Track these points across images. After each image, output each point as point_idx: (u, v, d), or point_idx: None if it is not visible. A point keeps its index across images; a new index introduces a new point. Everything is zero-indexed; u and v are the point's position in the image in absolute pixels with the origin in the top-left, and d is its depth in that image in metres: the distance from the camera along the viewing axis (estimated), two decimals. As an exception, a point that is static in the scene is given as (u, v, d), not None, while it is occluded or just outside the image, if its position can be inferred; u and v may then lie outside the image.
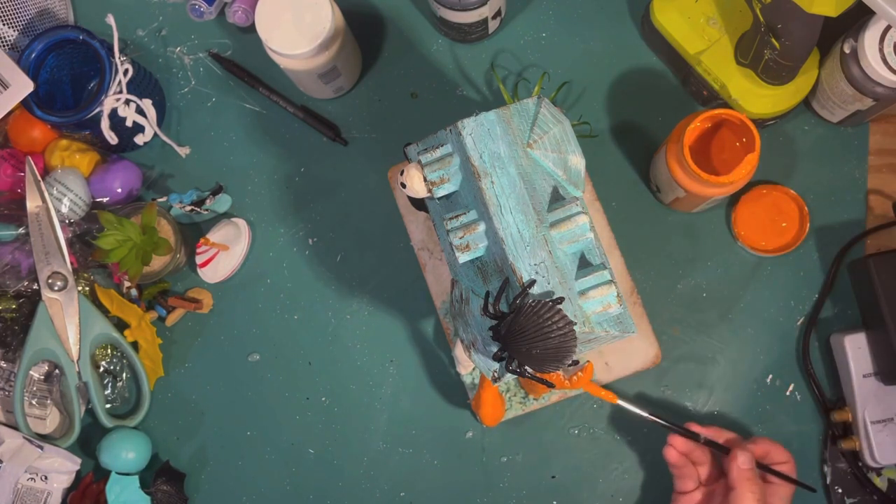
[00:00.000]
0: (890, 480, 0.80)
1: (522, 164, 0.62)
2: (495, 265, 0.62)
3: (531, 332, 0.57)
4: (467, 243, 0.63)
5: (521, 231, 0.60)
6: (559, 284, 0.60)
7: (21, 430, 0.82)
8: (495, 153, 0.62)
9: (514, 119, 0.63)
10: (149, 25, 0.91)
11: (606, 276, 0.61)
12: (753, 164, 0.72)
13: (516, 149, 0.62)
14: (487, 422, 0.78)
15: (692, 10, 0.79)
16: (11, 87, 0.81)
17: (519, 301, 0.58)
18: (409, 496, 0.84)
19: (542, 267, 0.60)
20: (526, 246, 0.60)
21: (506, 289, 0.60)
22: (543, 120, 0.64)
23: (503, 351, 0.59)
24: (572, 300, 0.60)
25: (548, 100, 0.65)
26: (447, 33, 0.87)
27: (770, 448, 0.73)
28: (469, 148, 0.62)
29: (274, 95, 0.88)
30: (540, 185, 0.63)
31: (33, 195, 0.82)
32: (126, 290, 0.85)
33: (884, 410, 0.78)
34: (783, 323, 0.83)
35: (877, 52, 0.72)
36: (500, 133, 0.62)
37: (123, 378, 0.86)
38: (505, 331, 0.58)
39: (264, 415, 0.86)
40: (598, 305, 0.61)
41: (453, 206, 0.65)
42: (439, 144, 0.64)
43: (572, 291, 0.60)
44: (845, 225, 0.83)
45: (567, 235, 0.61)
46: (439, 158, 0.64)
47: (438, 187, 0.64)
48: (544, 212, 0.62)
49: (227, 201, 0.87)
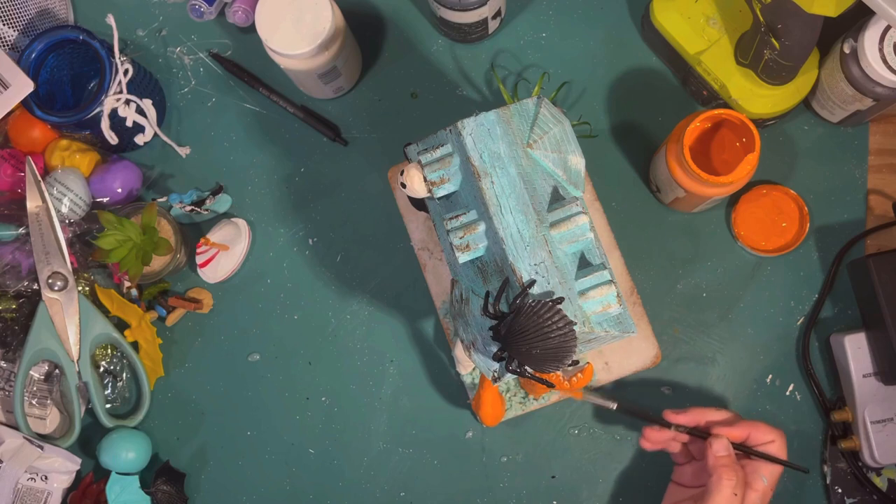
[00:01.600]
0: (890, 480, 0.80)
1: (522, 164, 0.62)
2: (495, 265, 0.62)
3: (531, 332, 0.57)
4: (467, 243, 0.63)
5: (521, 231, 0.60)
6: (559, 284, 0.60)
7: (21, 430, 0.82)
8: (495, 153, 0.62)
9: (514, 119, 0.63)
10: (149, 25, 0.91)
11: (606, 276, 0.61)
12: (753, 164, 0.72)
13: (516, 149, 0.62)
14: (488, 422, 0.78)
15: (692, 10, 0.79)
16: (11, 87, 0.81)
17: (519, 301, 0.58)
18: (409, 496, 0.84)
19: (542, 267, 0.60)
20: (526, 246, 0.60)
21: (506, 289, 0.60)
22: (543, 120, 0.64)
23: (503, 351, 0.59)
24: (572, 300, 0.60)
25: (547, 100, 0.65)
26: (447, 33, 0.87)
27: (751, 429, 0.72)
28: (469, 148, 0.62)
29: (274, 95, 0.88)
30: (540, 185, 0.63)
31: (33, 195, 0.82)
32: (126, 290, 0.85)
33: (884, 410, 0.78)
34: (783, 323, 0.83)
35: (877, 52, 0.72)
36: (501, 133, 0.62)
37: (123, 378, 0.86)
38: (505, 331, 0.58)
39: (264, 415, 0.86)
40: (597, 305, 0.61)
41: (453, 207, 0.65)
42: (439, 144, 0.64)
43: (572, 291, 0.60)
44: (845, 225, 0.83)
45: (567, 235, 0.61)
46: (439, 158, 0.64)
47: (438, 187, 0.64)
48: (544, 212, 0.62)
49: (227, 201, 0.87)
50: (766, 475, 0.71)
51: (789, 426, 0.81)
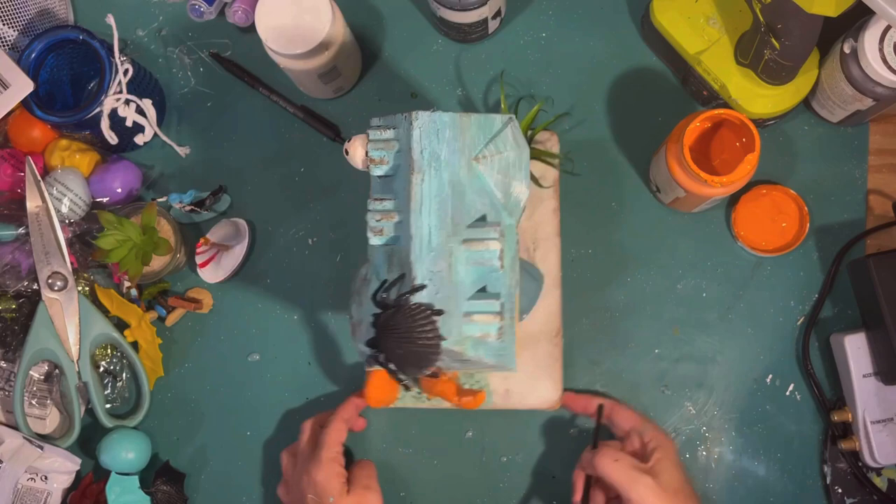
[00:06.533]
0: (890, 480, 0.80)
1: (459, 174, 0.62)
2: (401, 258, 0.62)
3: (402, 331, 0.59)
4: (381, 228, 0.63)
5: (431, 235, 0.60)
6: (448, 298, 0.60)
7: (21, 430, 0.82)
8: (435, 154, 0.61)
9: (472, 129, 0.63)
10: (149, 25, 0.91)
11: (496, 307, 0.61)
12: (753, 164, 0.72)
13: (458, 157, 0.62)
14: (370, 402, 0.78)
15: (692, 10, 0.79)
16: (11, 87, 0.81)
17: (402, 299, 0.59)
18: (409, 496, 0.84)
19: (438, 276, 0.60)
20: (431, 251, 0.60)
21: (398, 283, 0.61)
22: (503, 140, 0.64)
23: (375, 340, 0.61)
24: (454, 317, 0.60)
25: (517, 123, 0.65)
26: (447, 33, 0.87)
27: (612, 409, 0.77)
28: (414, 140, 0.61)
29: (274, 95, 0.88)
30: (471, 199, 0.63)
31: (33, 195, 0.82)
32: (126, 290, 0.85)
33: (884, 410, 0.78)
34: (783, 323, 0.83)
35: (877, 52, 0.72)
36: (449, 137, 0.62)
37: (123, 378, 0.86)
38: (382, 322, 0.60)
39: (264, 415, 0.86)
40: (477, 331, 0.61)
41: (385, 189, 0.65)
42: (392, 126, 0.64)
43: (458, 309, 0.61)
44: (845, 225, 0.83)
45: (474, 256, 0.62)
46: (385, 140, 0.64)
47: (376, 166, 0.65)
48: (462, 225, 0.62)
49: (227, 201, 0.87)
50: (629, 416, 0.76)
51: (789, 426, 0.81)
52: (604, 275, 0.84)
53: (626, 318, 0.83)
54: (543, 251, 0.83)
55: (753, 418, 0.82)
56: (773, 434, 0.81)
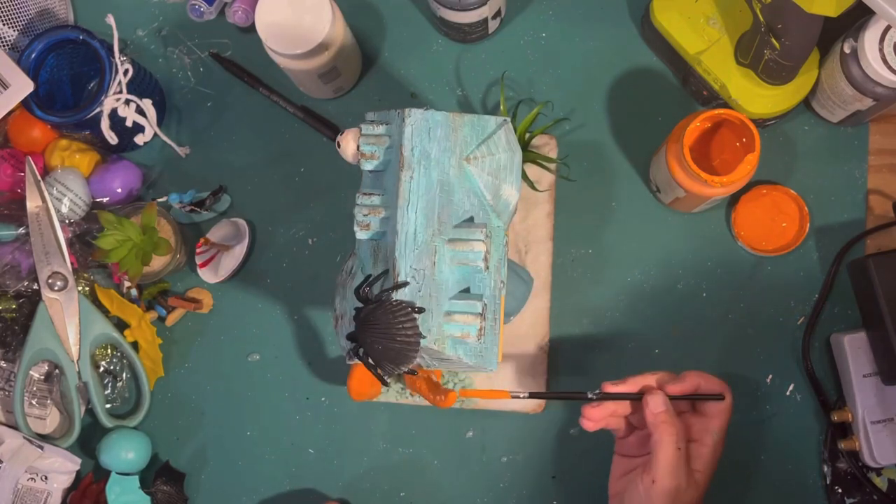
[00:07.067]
0: (890, 480, 0.80)
1: (448, 173, 0.62)
2: (386, 254, 0.63)
3: (382, 327, 0.59)
4: (368, 223, 0.63)
5: (416, 232, 0.61)
6: (430, 297, 0.60)
7: (21, 430, 0.82)
8: (426, 152, 0.62)
9: (464, 129, 0.63)
10: (149, 25, 0.91)
11: (477, 308, 0.61)
12: (753, 164, 0.72)
13: (449, 156, 0.62)
14: (352, 395, 0.78)
15: (692, 10, 0.79)
16: (11, 87, 0.81)
17: (384, 295, 0.59)
18: (409, 496, 0.84)
19: (421, 274, 0.60)
20: (415, 248, 0.60)
21: (382, 279, 0.61)
22: (496, 142, 0.64)
23: (356, 335, 0.61)
24: (435, 316, 0.61)
25: (511, 125, 0.65)
26: (447, 33, 0.87)
27: (700, 379, 0.69)
28: (405, 137, 0.61)
29: (274, 95, 0.88)
30: (459, 199, 0.63)
31: (33, 195, 0.82)
32: (126, 290, 0.85)
33: (884, 410, 0.78)
34: (783, 323, 0.83)
35: (877, 52, 0.72)
36: (441, 136, 0.62)
37: (123, 378, 0.86)
38: (363, 316, 0.60)
39: (264, 415, 0.86)
40: (457, 330, 0.61)
41: (374, 184, 0.65)
42: (385, 122, 0.64)
43: (440, 308, 0.61)
44: (845, 225, 0.83)
45: (459, 256, 0.62)
46: (378, 135, 0.64)
47: (367, 161, 0.65)
48: (449, 225, 0.62)
49: (227, 201, 0.87)
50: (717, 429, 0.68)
51: (789, 426, 0.81)
52: (603, 274, 0.84)
53: (626, 318, 0.83)
54: (535, 254, 0.83)
55: (753, 418, 0.82)
56: (773, 434, 0.81)
